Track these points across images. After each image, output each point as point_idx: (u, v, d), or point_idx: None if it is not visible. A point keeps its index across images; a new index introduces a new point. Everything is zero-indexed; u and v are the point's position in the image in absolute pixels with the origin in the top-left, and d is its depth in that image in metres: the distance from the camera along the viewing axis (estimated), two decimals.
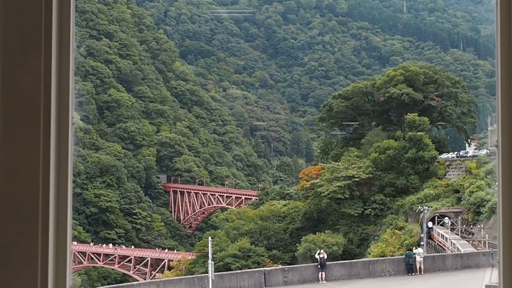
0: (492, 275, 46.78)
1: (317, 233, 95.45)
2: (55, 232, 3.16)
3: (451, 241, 73.34)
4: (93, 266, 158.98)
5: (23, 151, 3.07)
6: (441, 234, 79.53)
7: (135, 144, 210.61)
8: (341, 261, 60.19)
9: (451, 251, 68.09)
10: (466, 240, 76.71)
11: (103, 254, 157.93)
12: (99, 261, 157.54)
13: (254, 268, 75.05)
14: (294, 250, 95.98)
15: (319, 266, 49.14)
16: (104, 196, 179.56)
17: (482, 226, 78.64)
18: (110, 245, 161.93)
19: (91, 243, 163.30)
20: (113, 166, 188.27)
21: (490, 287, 35.09)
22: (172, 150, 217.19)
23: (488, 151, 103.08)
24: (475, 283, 41.03)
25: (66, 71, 3.18)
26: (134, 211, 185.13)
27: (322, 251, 52.08)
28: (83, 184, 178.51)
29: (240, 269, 76.93)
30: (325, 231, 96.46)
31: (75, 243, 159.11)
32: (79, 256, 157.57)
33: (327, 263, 50.21)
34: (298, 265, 59.02)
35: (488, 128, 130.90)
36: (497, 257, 2.83)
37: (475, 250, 65.10)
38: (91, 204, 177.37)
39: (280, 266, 64.86)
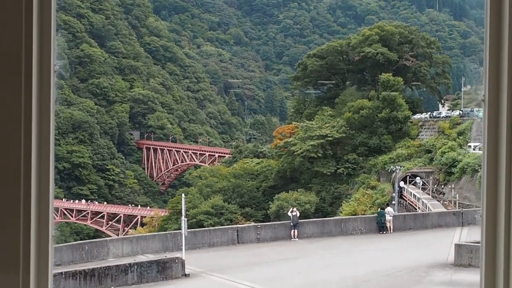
0: (461, 234, 47.52)
1: (290, 191, 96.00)
2: (37, 181, 3.10)
3: (422, 201, 74.23)
4: (66, 222, 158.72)
5: (4, 98, 2.98)
6: (413, 194, 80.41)
7: (108, 100, 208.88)
8: (314, 219, 60.64)
9: (422, 211, 68.94)
10: (437, 200, 77.63)
11: (76, 210, 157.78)
12: (72, 216, 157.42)
13: (227, 225, 75.44)
14: (267, 208, 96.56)
15: (291, 224, 49.50)
16: (77, 152, 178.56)
17: (453, 186, 79.59)
18: (83, 201, 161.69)
19: (63, 199, 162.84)
20: (85, 122, 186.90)
21: (459, 246, 35.59)
22: (145, 106, 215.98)
23: (461, 112, 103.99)
24: (445, 242, 41.62)
25: (47, 20, 3.10)
26: (107, 167, 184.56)
27: (294, 209, 52.37)
28: (55, 140, 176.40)
29: (213, 226, 77.27)
30: (298, 189, 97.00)
31: None
32: None
33: (299, 221, 50.58)
34: (270, 223, 59.45)
35: (462, 89, 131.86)
36: (480, 212, 2.84)
37: (446, 210, 65.97)
38: (64, 160, 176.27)
39: (253, 224, 65.24)
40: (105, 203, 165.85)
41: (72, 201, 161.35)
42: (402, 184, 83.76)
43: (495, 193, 2.67)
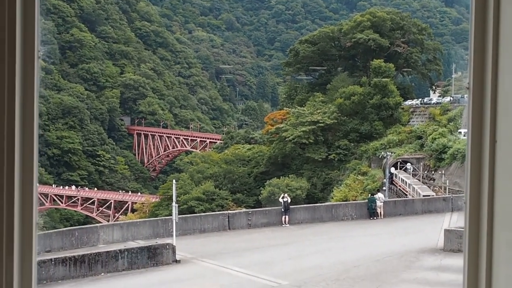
0: (451, 219, 47.74)
1: (281, 177, 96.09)
2: (20, 169, 3.06)
3: (412, 187, 74.51)
4: (56, 208, 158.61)
5: None
6: (403, 180, 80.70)
7: (98, 85, 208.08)
8: (305, 205, 60.73)
9: (412, 196, 69.19)
10: (427, 186, 77.94)
11: (66, 196, 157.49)
12: (62, 203, 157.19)
13: (218, 211, 75.46)
14: (258, 193, 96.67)
15: (282, 210, 49.55)
16: (67, 138, 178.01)
17: (443, 172, 79.94)
18: (73, 187, 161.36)
19: (53, 185, 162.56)
20: (75, 107, 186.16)
21: (449, 231, 35.74)
22: (136, 92, 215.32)
23: (451, 98, 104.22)
24: (435, 227, 41.81)
25: (31, 3, 3.05)
26: (97, 153, 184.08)
27: (286, 195, 52.42)
28: (45, 126, 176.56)
29: (204, 212, 77.33)
30: (289, 175, 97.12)
31: (37, 184, 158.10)
32: (41, 198, 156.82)
33: (290, 206, 50.65)
34: (262, 209, 59.52)
35: (453, 76, 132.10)
36: (464, 199, 2.84)
37: (436, 196, 66.24)
38: (53, 146, 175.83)
39: (244, 210, 65.31)
40: (95, 189, 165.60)
41: (62, 187, 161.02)
42: (393, 170, 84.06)
43: (479, 180, 2.69)
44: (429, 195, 69.58)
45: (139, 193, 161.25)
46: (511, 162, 2.50)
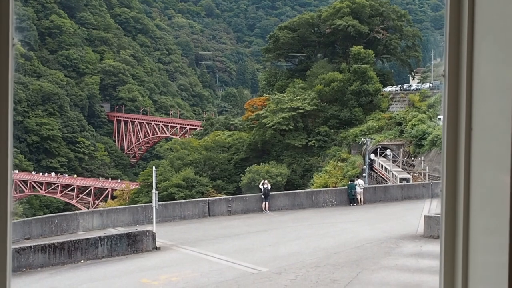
0: (431, 206, 48.04)
1: (261, 163, 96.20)
2: None
3: (392, 173, 74.90)
4: (35, 195, 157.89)
5: None
6: (383, 166, 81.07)
7: (78, 72, 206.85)
8: (285, 192, 60.86)
9: (392, 183, 69.57)
10: (407, 172, 78.38)
11: (45, 183, 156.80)
12: (41, 190, 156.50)
13: (198, 198, 75.48)
14: (238, 180, 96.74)
15: (262, 196, 49.61)
16: (46, 125, 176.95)
17: (422, 159, 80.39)
18: (53, 174, 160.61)
19: (33, 172, 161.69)
20: (55, 94, 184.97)
21: (429, 218, 35.95)
22: (116, 78, 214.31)
23: (431, 84, 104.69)
24: (415, 213, 42.07)
25: None
26: (77, 140, 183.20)
27: (266, 181, 52.45)
28: (24, 112, 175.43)
29: (184, 198, 77.33)
30: (269, 162, 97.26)
31: (16, 171, 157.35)
32: (20, 185, 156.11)
33: (270, 193, 50.72)
34: (242, 195, 59.56)
35: (432, 62, 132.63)
36: (440, 187, 2.85)
37: (415, 182, 66.65)
38: (33, 133, 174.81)
39: (224, 196, 65.35)
40: (75, 176, 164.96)
41: (41, 174, 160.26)
42: (372, 156, 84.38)
43: (455, 167, 2.70)
44: (405, 178, 70.63)
45: (119, 180, 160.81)
46: (487, 149, 2.51)
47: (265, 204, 49.27)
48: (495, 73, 2.43)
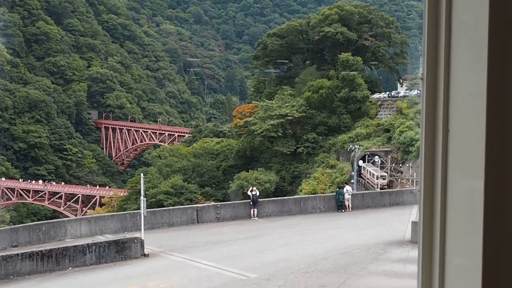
0: (418, 212, 48.17)
1: (249, 170, 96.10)
2: None
3: (372, 173, 75.36)
4: (23, 203, 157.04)
5: None
6: (371, 173, 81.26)
7: (65, 79, 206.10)
8: (273, 198, 60.86)
9: (380, 189, 69.76)
10: (395, 178, 78.64)
11: (33, 190, 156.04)
12: (29, 197, 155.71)
13: (187, 204, 75.33)
14: (227, 187, 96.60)
15: (251, 203, 49.63)
16: (33, 132, 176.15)
17: (410, 165, 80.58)
18: (40, 181, 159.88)
19: (20, 180, 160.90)
20: (42, 101, 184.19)
21: (416, 223, 36.06)
22: (104, 85, 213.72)
23: (418, 91, 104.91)
24: (402, 219, 42.18)
25: None
26: (64, 147, 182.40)
27: (254, 188, 52.50)
28: (11, 119, 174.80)
29: (173, 205, 77.10)
30: (258, 168, 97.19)
31: (3, 179, 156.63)
32: (7, 193, 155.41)
33: (259, 200, 50.74)
34: (230, 202, 59.51)
35: (420, 69, 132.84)
36: (418, 188, 2.90)
37: (403, 188, 66.86)
38: (20, 140, 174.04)
39: (213, 203, 65.27)
40: (63, 183, 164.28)
41: (29, 181, 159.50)
42: (361, 163, 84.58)
43: (432, 169, 2.75)
44: (383, 176, 71.57)
45: (107, 187, 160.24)
46: (463, 151, 2.55)
47: (254, 211, 49.29)
48: (471, 76, 2.49)
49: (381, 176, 77.21)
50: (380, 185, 76.03)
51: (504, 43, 2.32)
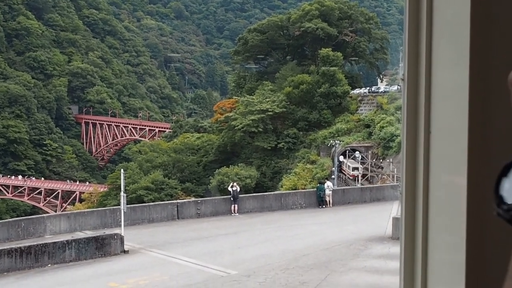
0: (399, 207, 48.33)
1: (230, 166, 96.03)
2: None
3: (361, 175, 75.46)
4: (2, 198, 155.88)
5: None
6: (352, 168, 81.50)
7: (45, 74, 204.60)
8: (254, 194, 60.86)
9: (361, 184, 69.99)
10: (375, 174, 78.93)
11: (12, 186, 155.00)
12: (8, 193, 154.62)
13: (167, 200, 75.10)
14: (207, 183, 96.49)
15: (232, 199, 49.61)
16: (13, 127, 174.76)
17: (391, 160, 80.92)
18: (20, 177, 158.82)
19: None
20: (22, 96, 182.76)
21: (397, 219, 36.19)
22: (84, 80, 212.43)
23: (398, 87, 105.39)
24: (383, 215, 42.30)
25: None
26: (44, 143, 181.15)
27: (235, 184, 52.49)
28: None
29: (153, 201, 76.86)
30: (239, 164, 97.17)
31: None
32: None
33: (239, 195, 50.72)
34: (211, 198, 59.41)
35: (400, 65, 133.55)
36: (400, 188, 2.88)
37: (384, 184, 67.12)
38: None
39: (193, 199, 65.15)
40: (42, 178, 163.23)
41: (8, 177, 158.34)
42: (341, 158, 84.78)
43: (414, 169, 2.73)
44: (357, 167, 72.09)
45: (87, 183, 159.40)
46: (445, 152, 2.54)
47: (234, 207, 49.25)
48: (452, 76, 2.46)
49: (354, 167, 77.97)
50: (354, 175, 76.81)
51: (486, 40, 2.28)
